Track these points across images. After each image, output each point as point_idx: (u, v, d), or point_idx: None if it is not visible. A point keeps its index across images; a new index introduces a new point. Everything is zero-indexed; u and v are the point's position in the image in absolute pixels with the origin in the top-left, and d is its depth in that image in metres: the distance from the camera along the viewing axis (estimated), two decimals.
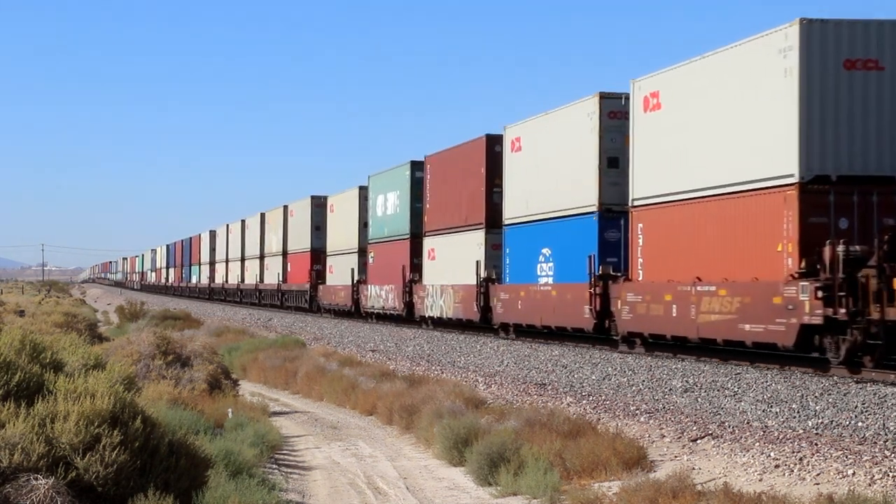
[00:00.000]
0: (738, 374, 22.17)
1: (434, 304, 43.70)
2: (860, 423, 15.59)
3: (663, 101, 27.66)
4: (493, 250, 38.35)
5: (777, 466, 13.32)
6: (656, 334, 27.42)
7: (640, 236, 28.49)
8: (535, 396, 21.27)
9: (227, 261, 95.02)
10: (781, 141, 22.83)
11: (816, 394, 18.61)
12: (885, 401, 17.33)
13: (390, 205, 50.56)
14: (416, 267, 46.28)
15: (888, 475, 12.19)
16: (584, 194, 31.25)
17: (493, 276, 38.07)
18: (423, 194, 45.88)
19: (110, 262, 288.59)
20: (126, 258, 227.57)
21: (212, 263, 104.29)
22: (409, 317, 46.55)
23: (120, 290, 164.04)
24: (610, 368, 24.61)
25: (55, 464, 9.58)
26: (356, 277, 55.07)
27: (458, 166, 42.05)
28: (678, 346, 26.96)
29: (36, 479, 9.32)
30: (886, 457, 13.05)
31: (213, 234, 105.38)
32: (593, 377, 23.48)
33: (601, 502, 12.67)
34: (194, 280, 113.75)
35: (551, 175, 33.52)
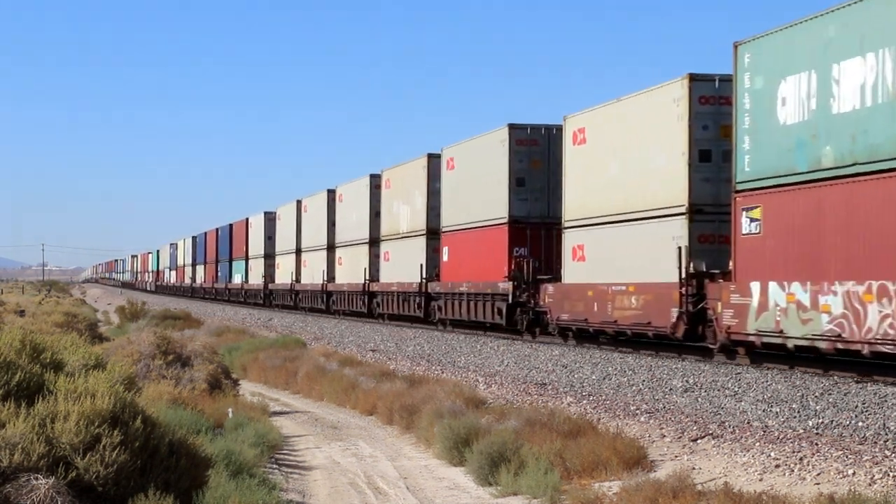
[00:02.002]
0: (739, 373, 22.17)
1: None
2: (860, 423, 15.59)
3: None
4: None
5: (777, 466, 13.32)
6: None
7: None
8: (536, 396, 21.27)
9: (300, 251, 68.53)
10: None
11: (817, 394, 18.61)
12: (885, 401, 17.33)
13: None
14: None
15: (888, 475, 12.19)
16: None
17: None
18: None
19: (116, 261, 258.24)
20: (136, 255, 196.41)
21: (268, 257, 76.47)
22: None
23: (120, 292, 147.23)
24: (610, 368, 24.62)
25: (55, 464, 9.58)
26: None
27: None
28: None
29: (36, 479, 9.32)
30: (886, 457, 13.05)
31: (270, 218, 77.39)
32: (593, 377, 23.49)
33: (601, 502, 12.67)
34: (238, 279, 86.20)
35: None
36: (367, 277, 52.19)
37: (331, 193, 61.48)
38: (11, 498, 9.16)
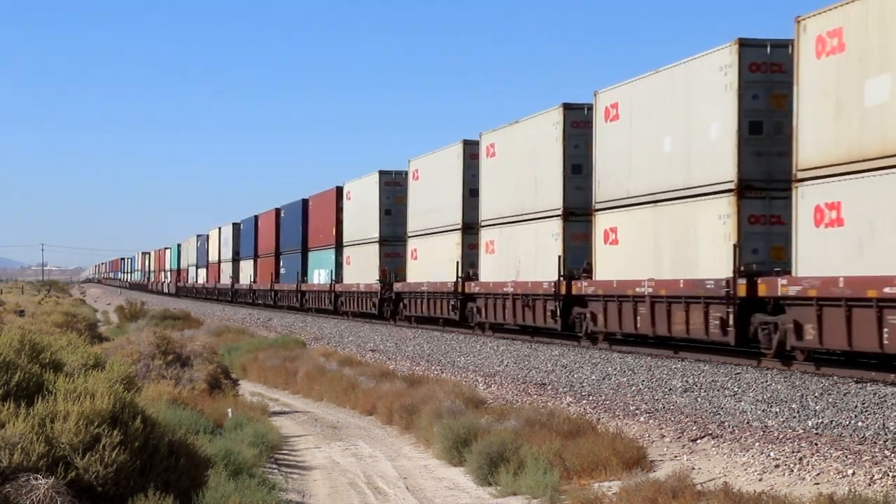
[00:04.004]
0: (738, 373, 22.17)
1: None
2: (860, 423, 15.59)
3: None
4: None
5: (777, 466, 13.32)
6: None
7: None
8: (535, 396, 21.28)
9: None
10: None
11: (816, 394, 18.61)
12: (885, 401, 17.33)
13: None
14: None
15: (888, 475, 12.19)
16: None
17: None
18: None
19: (122, 260, 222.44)
20: (148, 253, 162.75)
21: (384, 242, 49.50)
22: None
23: (117, 291, 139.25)
24: (610, 368, 24.62)
25: (55, 464, 9.58)
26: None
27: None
28: None
29: (36, 478, 9.32)
30: (886, 457, 13.05)
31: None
32: (593, 377, 23.49)
33: (601, 502, 12.68)
34: (319, 279, 59.71)
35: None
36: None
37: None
38: (11, 498, 9.16)
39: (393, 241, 48.60)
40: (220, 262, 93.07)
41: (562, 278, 31.37)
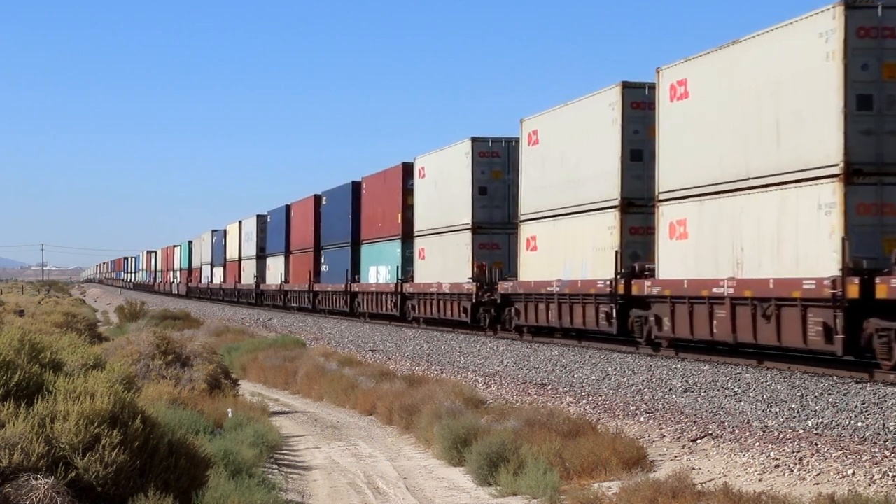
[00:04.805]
0: (738, 374, 22.17)
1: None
2: (860, 423, 15.59)
3: None
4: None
5: (777, 466, 13.32)
6: None
7: None
8: (535, 396, 21.28)
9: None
10: None
11: (816, 394, 18.60)
12: (885, 401, 17.33)
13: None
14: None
15: (888, 475, 12.19)
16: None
17: None
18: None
19: (125, 259, 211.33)
20: (154, 252, 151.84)
21: (479, 229, 38.86)
22: None
23: (118, 292, 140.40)
24: (610, 368, 24.61)
25: (55, 464, 9.58)
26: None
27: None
28: None
29: (36, 479, 9.32)
30: (886, 457, 13.05)
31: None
32: (593, 377, 23.48)
33: (601, 502, 12.69)
34: (378, 277, 48.95)
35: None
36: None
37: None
38: (11, 498, 9.16)
39: (490, 227, 38.02)
40: (240, 259, 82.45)
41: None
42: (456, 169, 39.72)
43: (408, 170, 45.81)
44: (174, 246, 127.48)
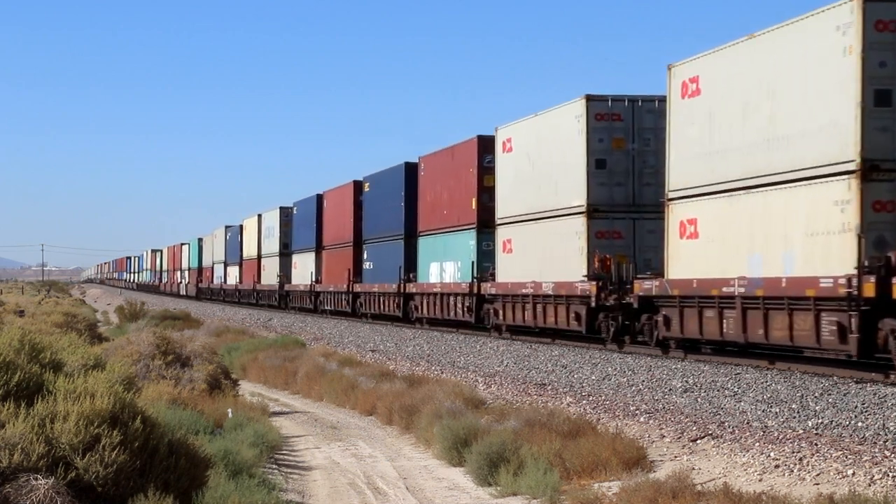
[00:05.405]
0: (738, 374, 22.16)
1: None
2: (860, 423, 15.59)
3: None
4: None
5: (777, 466, 13.32)
6: None
7: None
8: (535, 396, 21.28)
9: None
10: None
11: (816, 394, 18.61)
12: (885, 401, 17.33)
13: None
14: None
15: (888, 475, 12.19)
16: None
17: None
18: None
19: (128, 259, 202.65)
20: (159, 250, 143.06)
21: (596, 213, 30.20)
22: None
23: (120, 293, 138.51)
24: (610, 368, 24.61)
25: (55, 464, 9.59)
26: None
27: None
28: None
29: (36, 479, 9.33)
30: (886, 457, 13.05)
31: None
32: (593, 377, 23.48)
33: (601, 502, 12.69)
34: (444, 276, 41.35)
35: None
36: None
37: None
38: (11, 498, 9.17)
39: (610, 210, 30.12)
40: (260, 257, 75.46)
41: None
42: (561, 137, 31.20)
43: (485, 144, 37.77)
44: (182, 244, 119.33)
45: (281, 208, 70.50)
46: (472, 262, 37.78)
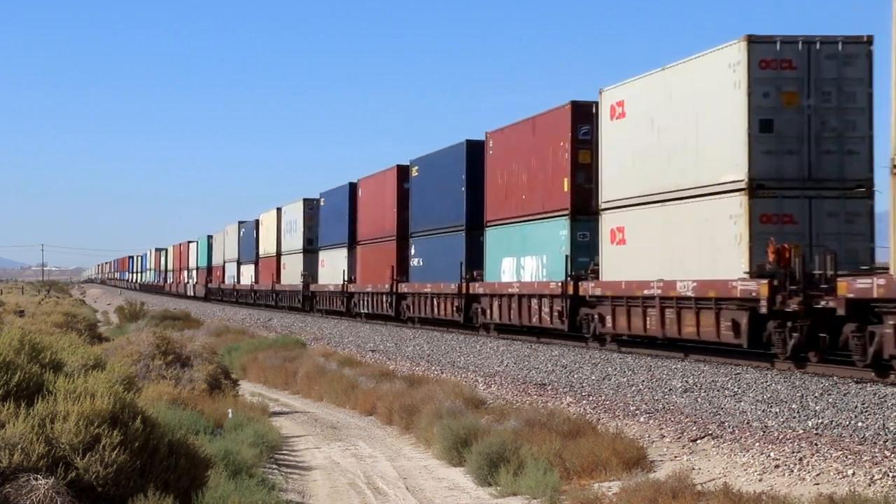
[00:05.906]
0: (738, 374, 22.17)
1: None
2: (860, 423, 15.59)
3: None
4: None
5: (777, 466, 13.33)
6: None
7: None
8: (535, 396, 21.28)
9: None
10: None
11: (816, 394, 18.61)
12: (885, 401, 17.33)
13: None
14: None
15: (888, 475, 12.20)
16: None
17: None
18: None
19: (130, 258, 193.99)
20: (164, 249, 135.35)
21: (761, 190, 23.44)
22: None
23: (122, 293, 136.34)
24: (610, 368, 24.61)
25: (55, 464, 9.59)
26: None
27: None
28: None
29: (36, 479, 9.33)
30: (886, 457, 13.06)
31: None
32: (593, 377, 23.48)
33: (601, 502, 12.69)
34: (523, 274, 34.07)
35: None
36: None
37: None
38: (11, 498, 9.17)
39: (780, 188, 23.63)
40: (279, 254, 68.91)
41: None
42: (707, 93, 24.97)
43: (581, 112, 31.31)
44: (189, 241, 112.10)
45: (305, 200, 63.83)
46: (567, 257, 31.14)
